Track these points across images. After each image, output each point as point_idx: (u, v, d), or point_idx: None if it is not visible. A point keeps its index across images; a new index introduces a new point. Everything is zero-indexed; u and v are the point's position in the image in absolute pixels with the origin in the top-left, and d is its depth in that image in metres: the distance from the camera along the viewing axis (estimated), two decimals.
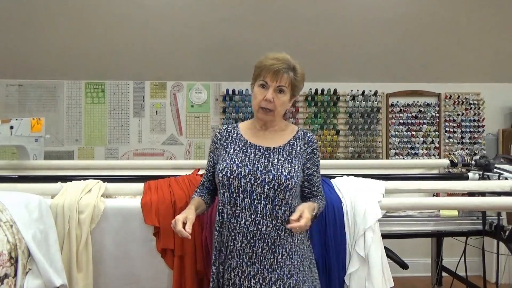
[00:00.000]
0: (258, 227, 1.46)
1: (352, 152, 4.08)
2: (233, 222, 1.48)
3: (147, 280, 1.91)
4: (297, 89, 1.57)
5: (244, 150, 1.55)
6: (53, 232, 1.70)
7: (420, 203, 2.08)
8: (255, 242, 1.46)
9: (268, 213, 1.46)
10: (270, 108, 1.51)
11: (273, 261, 1.46)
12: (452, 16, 3.63)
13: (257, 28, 3.66)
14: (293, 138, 1.59)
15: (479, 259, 2.79)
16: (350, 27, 3.66)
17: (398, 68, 4.03)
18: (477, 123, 4.14)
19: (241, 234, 1.46)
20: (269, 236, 1.46)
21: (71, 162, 3.68)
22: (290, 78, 1.51)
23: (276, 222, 1.47)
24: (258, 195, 1.46)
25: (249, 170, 1.48)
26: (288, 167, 1.49)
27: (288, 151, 1.55)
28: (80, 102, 4.06)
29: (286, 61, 1.52)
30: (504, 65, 4.06)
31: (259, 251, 1.46)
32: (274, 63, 1.50)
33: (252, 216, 1.46)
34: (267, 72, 1.50)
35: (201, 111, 4.13)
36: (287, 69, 1.51)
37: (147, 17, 3.55)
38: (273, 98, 1.50)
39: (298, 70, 1.55)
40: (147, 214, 1.83)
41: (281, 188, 1.46)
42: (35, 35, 3.63)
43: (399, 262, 2.17)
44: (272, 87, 1.50)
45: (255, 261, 1.46)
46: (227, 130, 1.64)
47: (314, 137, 1.61)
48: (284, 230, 1.47)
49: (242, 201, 1.47)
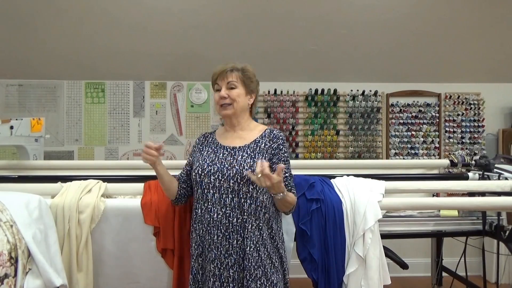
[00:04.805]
0: (229, 220, 1.58)
1: (352, 152, 4.08)
2: (207, 217, 1.61)
3: (147, 280, 1.91)
4: (251, 84, 1.72)
5: (215, 151, 1.70)
6: (53, 232, 1.70)
7: (420, 203, 2.08)
8: (229, 234, 1.58)
9: (235, 206, 1.58)
10: (227, 102, 1.67)
11: (243, 253, 1.58)
12: (452, 16, 3.63)
13: (257, 28, 3.66)
14: (259, 136, 1.71)
15: (479, 259, 2.79)
16: (350, 27, 3.66)
17: (398, 68, 4.03)
18: (477, 123, 4.14)
19: (216, 227, 1.59)
20: (241, 228, 1.58)
21: (71, 162, 3.68)
22: (238, 75, 1.68)
23: (243, 216, 1.58)
24: (225, 190, 1.59)
25: (217, 168, 1.62)
26: (250, 162, 1.61)
27: (252, 148, 1.67)
28: (80, 102, 4.06)
29: (232, 65, 1.70)
30: (504, 65, 4.05)
31: (234, 242, 1.58)
32: (221, 68, 1.69)
33: (222, 209, 1.59)
34: (217, 76, 1.70)
35: (201, 111, 4.13)
36: (234, 69, 1.69)
37: (147, 17, 3.55)
38: (227, 94, 1.67)
39: (247, 68, 1.71)
40: (147, 214, 1.84)
41: (244, 181, 1.58)
42: (35, 35, 3.63)
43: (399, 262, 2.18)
44: (224, 85, 1.68)
45: (232, 253, 1.58)
46: (205, 136, 1.81)
47: (281, 134, 1.71)
48: (250, 223, 1.57)
49: (212, 196, 1.60)
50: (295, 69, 4.02)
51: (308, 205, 1.89)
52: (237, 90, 1.68)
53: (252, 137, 1.71)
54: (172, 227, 1.85)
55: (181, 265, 1.85)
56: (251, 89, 1.73)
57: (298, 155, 4.06)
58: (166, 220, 1.84)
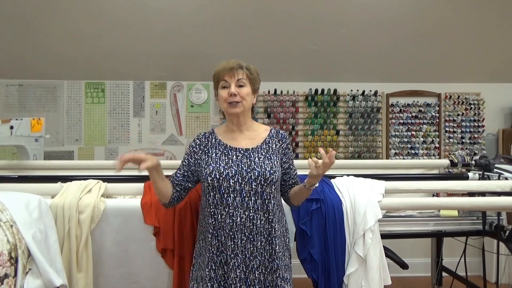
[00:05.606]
0: (253, 222, 1.56)
1: (352, 152, 4.08)
2: (229, 221, 1.56)
3: (147, 280, 1.91)
4: (255, 83, 1.69)
5: (225, 153, 1.64)
6: (53, 232, 1.70)
7: (420, 203, 2.08)
8: (253, 236, 1.56)
9: (259, 208, 1.57)
10: (236, 100, 1.61)
11: (272, 252, 1.57)
12: (452, 16, 3.63)
13: (257, 28, 3.66)
14: (268, 136, 1.70)
15: (479, 259, 2.79)
16: (350, 27, 3.66)
17: (398, 68, 4.03)
18: (477, 123, 4.14)
19: (239, 231, 1.56)
20: (264, 229, 1.57)
21: (71, 162, 3.68)
22: (246, 73, 1.64)
23: (268, 215, 1.58)
24: (247, 192, 1.56)
25: (235, 171, 1.58)
26: (269, 163, 1.61)
27: (265, 150, 1.66)
28: (80, 102, 4.06)
29: (237, 62, 1.66)
30: (504, 65, 4.06)
31: (258, 244, 1.57)
32: (228, 64, 1.64)
33: (246, 213, 1.56)
34: (224, 72, 1.63)
35: (201, 111, 4.13)
36: (243, 67, 1.65)
37: (147, 17, 3.55)
38: (237, 92, 1.61)
39: (251, 66, 1.68)
40: (147, 214, 1.84)
41: (267, 183, 1.57)
42: (35, 35, 3.63)
43: (399, 262, 2.18)
44: (233, 82, 1.62)
45: (257, 255, 1.57)
46: (205, 136, 1.73)
47: (286, 134, 1.74)
48: (276, 223, 1.58)
49: (233, 200, 1.56)
50: (295, 69, 4.02)
51: (308, 205, 1.90)
52: (246, 89, 1.63)
53: (260, 137, 1.69)
54: (172, 227, 1.85)
55: (181, 265, 1.85)
56: (256, 89, 1.70)
57: (298, 155, 4.06)
58: (166, 220, 1.84)
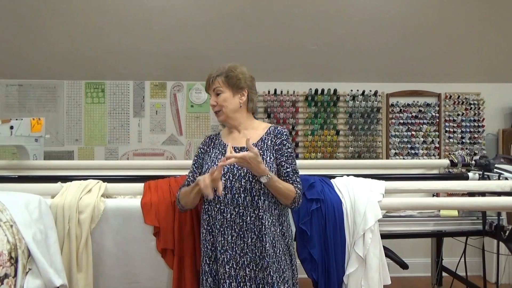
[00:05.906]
0: (243, 219, 1.59)
1: (352, 152, 4.08)
2: (220, 218, 1.61)
3: (147, 280, 1.91)
4: (238, 82, 1.71)
5: (223, 152, 1.69)
6: (53, 232, 1.70)
7: (420, 203, 2.08)
8: (243, 233, 1.59)
9: (248, 204, 1.59)
10: (216, 110, 1.73)
11: (262, 249, 1.58)
12: (452, 16, 3.63)
13: (257, 28, 3.66)
14: (265, 134, 1.73)
15: (479, 259, 2.79)
16: (350, 27, 3.66)
17: (398, 68, 4.03)
18: (477, 123, 4.14)
19: (229, 228, 1.59)
20: (254, 226, 1.59)
21: (71, 162, 3.68)
22: (221, 79, 1.70)
23: (258, 212, 1.59)
24: (237, 189, 1.59)
25: (227, 169, 1.61)
26: None
27: (260, 146, 1.68)
28: (80, 102, 4.06)
29: (219, 69, 1.72)
30: (504, 65, 4.06)
31: (248, 240, 1.59)
32: (209, 76, 1.73)
33: (236, 209, 1.59)
34: (206, 86, 1.75)
35: (201, 111, 4.13)
36: (218, 74, 1.71)
37: (147, 17, 3.55)
38: (215, 102, 1.71)
39: (234, 67, 1.72)
40: (147, 214, 1.83)
41: (256, 179, 1.58)
42: (35, 35, 3.63)
43: (399, 262, 2.18)
44: (212, 93, 1.73)
45: (247, 251, 1.59)
46: (210, 137, 1.82)
47: (284, 130, 1.74)
48: (266, 219, 1.59)
49: (224, 197, 1.60)
50: (295, 69, 4.02)
51: (308, 205, 1.89)
52: (223, 95, 1.70)
53: (258, 135, 1.72)
54: (172, 227, 1.85)
55: (181, 265, 1.85)
56: (240, 87, 1.71)
57: (298, 155, 4.06)
58: (166, 220, 1.84)
